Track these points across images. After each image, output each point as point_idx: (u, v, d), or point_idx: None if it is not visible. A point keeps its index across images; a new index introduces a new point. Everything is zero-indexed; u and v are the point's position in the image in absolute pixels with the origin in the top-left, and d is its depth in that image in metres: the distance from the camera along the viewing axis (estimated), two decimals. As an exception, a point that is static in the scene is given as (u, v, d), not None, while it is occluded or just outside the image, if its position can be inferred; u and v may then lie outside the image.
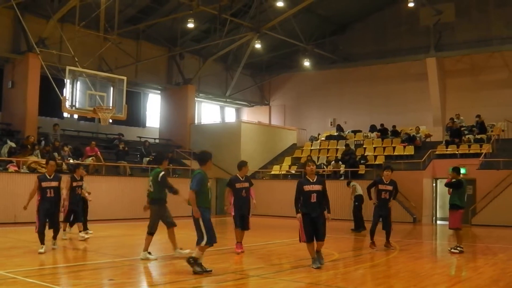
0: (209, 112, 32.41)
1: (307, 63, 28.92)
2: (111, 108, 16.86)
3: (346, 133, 27.76)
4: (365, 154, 24.17)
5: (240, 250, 10.71)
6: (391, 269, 9.54)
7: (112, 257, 10.30)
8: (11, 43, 21.63)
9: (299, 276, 8.35)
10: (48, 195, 10.32)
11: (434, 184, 22.16)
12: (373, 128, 27.19)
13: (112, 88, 17.17)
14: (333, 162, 23.60)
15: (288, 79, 32.01)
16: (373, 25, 29.50)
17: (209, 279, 7.84)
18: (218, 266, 8.64)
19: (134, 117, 26.84)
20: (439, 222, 21.55)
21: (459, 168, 12.00)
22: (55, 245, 10.75)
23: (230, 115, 33.74)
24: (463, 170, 17.32)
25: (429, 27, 26.33)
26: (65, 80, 16.31)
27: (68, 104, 16.21)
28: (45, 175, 10.58)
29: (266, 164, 26.62)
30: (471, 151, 22.01)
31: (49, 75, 18.35)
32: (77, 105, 16.39)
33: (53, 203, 10.41)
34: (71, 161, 19.58)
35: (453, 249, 11.46)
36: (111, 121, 18.45)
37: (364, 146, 25.32)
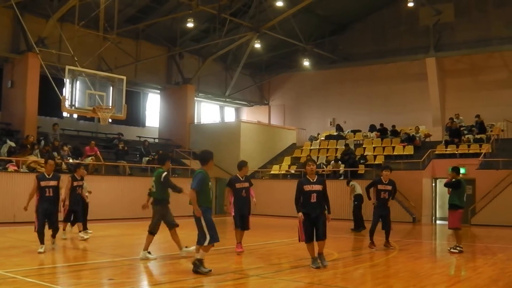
0: (209, 112, 32.39)
1: (306, 63, 28.93)
2: (110, 107, 16.84)
3: (346, 133, 27.74)
4: (365, 154, 24.17)
5: (240, 250, 10.72)
6: (390, 269, 9.54)
7: (112, 256, 10.30)
8: (11, 42, 21.61)
9: (298, 275, 8.35)
10: (47, 194, 10.29)
11: (434, 184, 22.16)
12: (372, 128, 27.17)
13: (111, 88, 17.15)
14: (332, 162, 23.58)
15: (288, 79, 32.01)
16: (373, 25, 29.49)
17: (208, 279, 7.84)
18: (217, 266, 8.63)
19: (134, 116, 26.82)
20: (438, 222, 21.54)
21: (458, 168, 12.00)
22: (54, 244, 10.73)
23: (230, 114, 33.73)
24: (462, 170, 17.32)
25: (429, 27, 26.35)
26: (64, 80, 16.29)
27: (67, 103, 16.19)
28: (44, 174, 10.55)
29: (266, 164, 26.61)
30: (470, 151, 21.99)
31: (49, 75, 18.33)
32: (77, 105, 16.38)
33: (52, 203, 10.37)
34: (71, 160, 19.58)
35: (452, 249, 11.47)
36: (110, 120, 18.46)
37: (364, 146, 25.29)
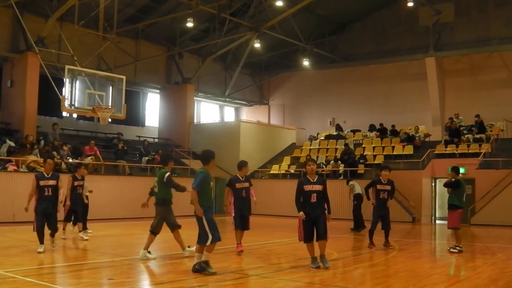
0: (208, 112, 32.38)
1: (306, 63, 28.93)
2: (110, 107, 16.82)
3: (345, 132, 27.74)
4: (364, 154, 24.17)
5: (240, 249, 10.71)
6: (390, 269, 9.54)
7: (111, 256, 10.30)
8: (10, 42, 21.60)
9: (298, 275, 8.35)
10: (46, 193, 10.25)
11: (433, 184, 22.15)
12: (372, 128, 27.17)
13: (111, 87, 17.13)
14: (332, 161, 23.58)
15: (287, 78, 32.00)
16: (373, 24, 29.50)
17: (208, 279, 7.83)
18: (217, 266, 8.63)
19: (133, 116, 26.80)
20: (438, 221, 21.53)
21: (458, 167, 12.00)
22: (53, 243, 10.72)
23: (229, 114, 33.72)
24: (462, 170, 17.33)
25: (429, 27, 26.35)
26: (64, 79, 16.27)
27: (67, 103, 16.17)
28: (43, 173, 10.53)
29: (265, 164, 26.61)
30: (470, 151, 21.99)
31: (48, 74, 18.32)
32: (76, 104, 16.36)
33: (51, 202, 10.33)
34: (70, 160, 19.57)
35: (452, 248, 11.47)
36: (110, 120, 18.47)
37: (363, 146, 25.30)
